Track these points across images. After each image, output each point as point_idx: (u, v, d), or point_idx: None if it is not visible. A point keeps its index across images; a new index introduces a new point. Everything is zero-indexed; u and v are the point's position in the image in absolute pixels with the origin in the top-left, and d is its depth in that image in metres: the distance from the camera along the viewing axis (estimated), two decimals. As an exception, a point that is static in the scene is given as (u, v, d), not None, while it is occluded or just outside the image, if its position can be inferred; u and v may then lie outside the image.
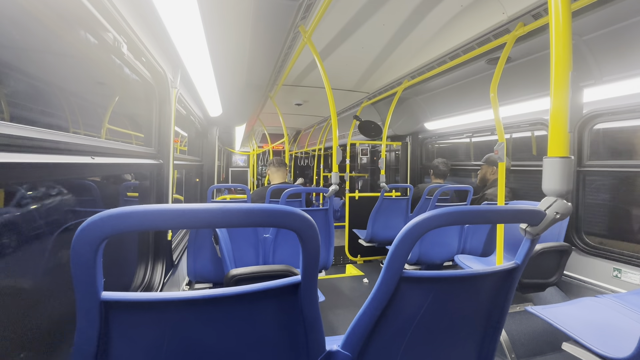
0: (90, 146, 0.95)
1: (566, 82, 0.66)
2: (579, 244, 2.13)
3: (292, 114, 4.83)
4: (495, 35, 1.78)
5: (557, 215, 0.65)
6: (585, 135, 2.12)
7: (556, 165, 0.67)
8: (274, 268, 1.32)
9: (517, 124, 2.65)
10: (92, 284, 0.46)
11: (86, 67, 1.25)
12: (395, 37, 2.08)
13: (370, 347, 0.66)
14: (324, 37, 2.08)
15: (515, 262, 0.70)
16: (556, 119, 0.68)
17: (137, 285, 1.63)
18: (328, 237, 2.02)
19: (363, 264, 3.67)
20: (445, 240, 2.54)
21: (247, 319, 0.57)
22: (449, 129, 3.56)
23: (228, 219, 0.48)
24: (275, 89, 3.09)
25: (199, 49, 1.48)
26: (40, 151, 0.71)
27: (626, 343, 1.09)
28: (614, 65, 1.82)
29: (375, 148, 5.80)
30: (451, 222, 0.59)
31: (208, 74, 1.90)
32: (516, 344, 1.75)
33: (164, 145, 1.73)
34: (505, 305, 0.74)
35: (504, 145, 1.71)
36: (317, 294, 0.61)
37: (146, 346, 0.53)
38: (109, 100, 1.49)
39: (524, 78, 2.33)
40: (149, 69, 1.50)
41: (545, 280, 1.89)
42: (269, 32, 1.75)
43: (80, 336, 0.48)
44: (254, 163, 7.50)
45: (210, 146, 3.91)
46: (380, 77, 2.87)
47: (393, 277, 0.60)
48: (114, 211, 0.43)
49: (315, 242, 0.54)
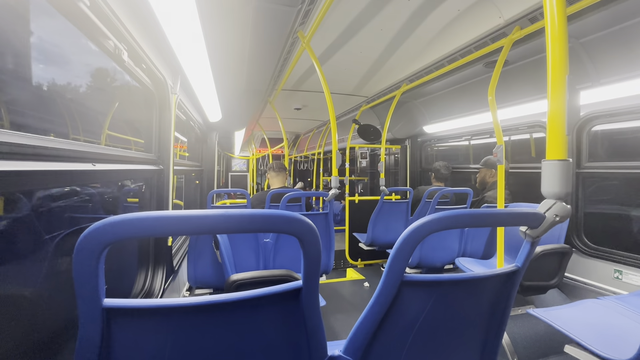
0: (91, 153, 0.95)
1: (563, 85, 0.67)
2: (579, 245, 2.13)
3: (291, 118, 4.84)
4: (492, 39, 1.79)
5: (557, 217, 0.66)
6: (583, 137, 2.13)
7: (555, 168, 0.67)
8: (274, 273, 1.31)
9: (515, 127, 2.66)
10: (94, 290, 0.46)
11: (87, 74, 1.25)
12: (394, 42, 2.10)
13: (372, 351, 0.66)
14: (323, 42, 2.10)
15: (515, 264, 0.70)
16: (554, 121, 0.68)
17: (138, 292, 1.62)
18: (328, 241, 2.02)
19: (364, 267, 3.66)
20: (446, 243, 2.53)
21: (249, 324, 0.57)
22: (447, 132, 3.57)
23: (229, 225, 0.48)
24: (274, 93, 3.10)
25: (198, 55, 1.49)
26: (42, 159, 0.71)
27: (628, 345, 1.09)
28: (611, 67, 1.84)
29: (374, 152, 5.82)
30: (451, 225, 0.59)
31: (207, 80, 1.91)
32: (518, 346, 1.74)
33: (164, 151, 1.74)
34: (507, 308, 0.74)
35: (502, 147, 1.72)
36: (319, 299, 0.61)
37: (148, 352, 0.52)
38: (109, 106, 1.49)
39: (522, 81, 2.35)
40: (149, 75, 1.51)
41: (547, 282, 1.88)
42: (268, 37, 1.76)
43: (82, 343, 0.48)
44: (253, 167, 7.51)
45: (209, 151, 3.92)
46: (378, 81, 2.89)
47: (394, 281, 0.60)
48: (116, 218, 0.43)
49: (317, 246, 0.54)
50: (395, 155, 4.60)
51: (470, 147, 3.61)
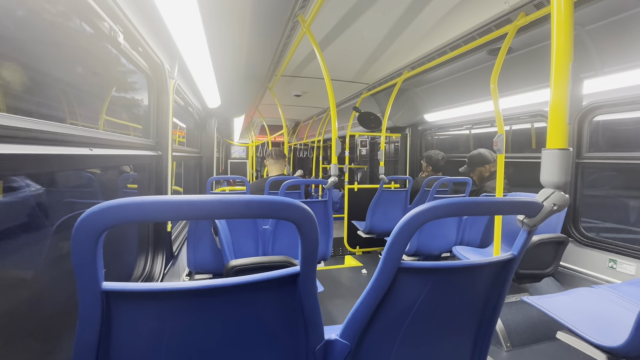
0: (88, 137, 0.95)
1: (566, 73, 0.66)
2: (575, 235, 2.15)
3: (291, 105, 4.79)
4: (496, 25, 1.76)
5: (555, 207, 0.66)
6: (584, 127, 2.12)
7: (555, 157, 0.67)
8: (273, 259, 1.33)
9: (516, 116, 2.64)
10: (93, 274, 0.46)
11: (83, 58, 1.23)
12: (396, 27, 2.05)
13: (368, 335, 0.67)
14: (323, 27, 2.05)
15: (512, 253, 0.71)
16: (556, 110, 0.67)
17: (138, 277, 1.64)
18: (327, 228, 2.03)
19: (362, 255, 3.70)
20: (444, 231, 2.55)
21: (247, 308, 0.58)
22: (448, 121, 3.54)
23: (227, 210, 0.48)
24: (274, 79, 3.06)
25: (196, 38, 1.46)
26: (37, 142, 0.71)
27: (619, 332, 1.11)
28: (616, 56, 1.81)
29: (374, 140, 5.79)
30: (450, 213, 0.59)
31: (206, 65, 1.88)
32: (511, 333, 1.78)
33: (163, 136, 1.73)
34: (502, 296, 0.75)
35: (503, 137, 1.71)
36: (316, 285, 0.62)
37: (147, 335, 0.53)
38: (106, 91, 1.47)
39: (525, 69, 2.31)
40: (146, 59, 1.48)
41: (542, 271, 1.91)
42: (268, 21, 1.72)
43: (82, 326, 0.48)
44: (252, 155, 7.48)
45: (209, 138, 3.90)
46: (380, 67, 2.84)
47: (391, 267, 0.61)
48: (114, 202, 0.43)
49: (314, 233, 0.54)
50: (396, 143, 4.58)
51: (470, 136, 3.59)
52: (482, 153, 2.66)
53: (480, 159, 2.66)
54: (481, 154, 2.66)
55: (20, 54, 0.88)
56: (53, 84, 1.06)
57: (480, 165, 2.67)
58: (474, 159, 2.69)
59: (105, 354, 0.51)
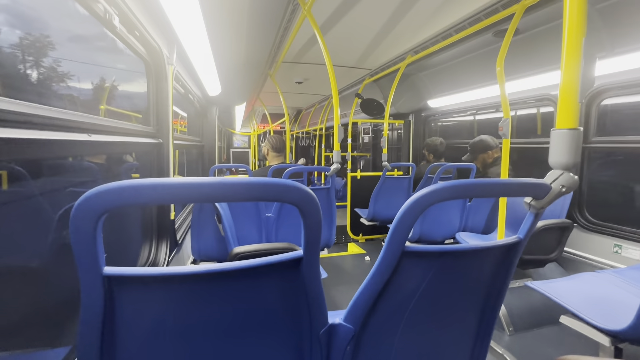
0: (86, 123, 0.93)
1: (579, 48, 0.63)
2: (580, 220, 2.13)
3: (292, 92, 4.73)
4: (503, 5, 1.70)
5: (563, 188, 0.64)
6: (593, 110, 2.07)
7: (564, 137, 0.65)
8: (276, 246, 1.33)
9: (522, 100, 2.58)
10: (94, 259, 0.45)
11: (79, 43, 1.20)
12: (399, 9, 1.99)
13: (372, 320, 0.67)
14: (325, 10, 1.99)
15: (518, 236, 0.70)
16: (566, 88, 0.65)
17: (142, 265, 1.66)
18: (330, 215, 2.03)
19: (365, 242, 3.71)
20: (447, 217, 2.54)
21: (251, 293, 0.58)
22: (452, 107, 3.49)
23: (228, 192, 0.47)
24: (274, 66, 3.01)
25: (194, 22, 1.43)
26: (34, 127, 0.69)
27: (623, 315, 1.11)
28: (627, 36, 1.75)
29: (377, 127, 5.73)
30: (455, 195, 0.58)
31: (205, 50, 1.84)
32: (514, 317, 1.79)
33: (163, 123, 1.71)
34: (506, 280, 0.74)
35: (509, 121, 1.68)
36: (319, 269, 0.61)
37: (151, 320, 0.53)
38: (105, 77, 1.45)
39: (532, 52, 2.25)
40: (143, 44, 1.45)
41: (546, 256, 1.90)
42: (268, 3, 1.67)
43: (86, 311, 0.48)
44: (254, 144, 7.45)
45: (210, 126, 3.87)
46: (383, 52, 2.78)
47: (395, 251, 0.60)
48: (111, 185, 0.42)
49: (317, 216, 0.53)
50: (399, 130, 4.53)
51: (474, 123, 3.54)
52: (483, 139, 2.62)
53: (482, 146, 2.62)
54: (483, 140, 2.62)
55: (17, 39, 0.86)
56: (51, 72, 1.04)
57: (483, 152, 2.63)
58: (477, 146, 2.65)
59: (110, 338, 0.51)
